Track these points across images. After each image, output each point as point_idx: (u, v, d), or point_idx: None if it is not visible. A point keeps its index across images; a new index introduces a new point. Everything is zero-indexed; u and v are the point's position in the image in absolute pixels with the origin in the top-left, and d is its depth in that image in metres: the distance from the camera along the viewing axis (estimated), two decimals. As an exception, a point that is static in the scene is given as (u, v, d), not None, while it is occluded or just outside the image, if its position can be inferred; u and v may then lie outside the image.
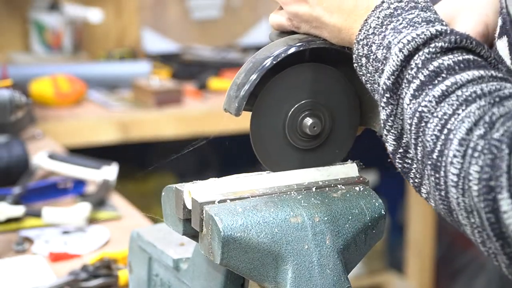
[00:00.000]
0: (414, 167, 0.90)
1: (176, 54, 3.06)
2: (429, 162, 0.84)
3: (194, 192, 0.97)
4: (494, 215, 0.78)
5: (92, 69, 2.83)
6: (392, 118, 0.90)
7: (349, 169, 1.05)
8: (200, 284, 1.05)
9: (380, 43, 0.91)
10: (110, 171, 1.83)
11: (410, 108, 0.86)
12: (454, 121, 0.82)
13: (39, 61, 2.92)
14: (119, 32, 3.13)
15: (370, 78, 0.94)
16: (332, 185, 1.02)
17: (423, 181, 0.89)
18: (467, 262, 3.24)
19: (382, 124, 0.91)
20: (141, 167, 2.99)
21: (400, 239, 3.38)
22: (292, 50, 0.99)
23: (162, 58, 3.04)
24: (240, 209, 0.95)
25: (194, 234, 0.99)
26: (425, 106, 0.85)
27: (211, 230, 0.94)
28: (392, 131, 0.91)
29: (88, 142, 2.47)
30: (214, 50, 3.06)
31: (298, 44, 1.00)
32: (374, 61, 0.92)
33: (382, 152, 0.98)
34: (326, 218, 0.97)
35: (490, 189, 0.77)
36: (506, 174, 0.76)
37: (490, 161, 0.77)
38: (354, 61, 0.96)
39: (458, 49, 0.87)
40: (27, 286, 1.37)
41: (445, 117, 0.83)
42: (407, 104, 0.87)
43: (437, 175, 0.84)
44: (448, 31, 0.88)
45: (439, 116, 0.83)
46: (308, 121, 1.02)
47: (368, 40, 0.93)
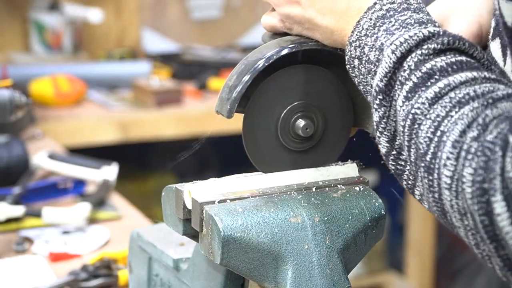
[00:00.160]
0: (407, 169, 0.90)
1: (176, 54, 3.06)
2: (422, 164, 0.84)
3: (194, 192, 0.97)
4: (487, 218, 0.77)
5: (92, 69, 2.83)
6: (385, 120, 0.90)
7: (349, 169, 1.05)
8: (200, 284, 1.05)
9: (373, 44, 0.91)
10: (110, 171, 1.83)
11: (403, 110, 0.86)
12: (447, 123, 0.81)
13: (39, 61, 2.92)
14: (119, 32, 3.13)
15: (363, 80, 0.93)
16: (332, 185, 1.02)
17: (417, 183, 0.89)
18: (467, 262, 3.24)
19: (375, 126, 0.91)
20: (141, 167, 2.99)
21: (400, 239, 3.37)
22: (285, 51, 0.99)
23: (162, 58, 3.04)
24: (240, 209, 0.95)
25: (194, 234, 0.99)
26: (418, 108, 0.84)
27: (211, 230, 0.94)
28: (385, 133, 0.90)
29: (88, 142, 2.47)
30: (214, 50, 3.06)
31: (290, 45, 0.99)
32: (366, 63, 0.92)
33: (382, 152, 0.98)
34: (326, 218, 0.97)
35: (484, 192, 0.77)
36: (499, 177, 0.75)
37: (483, 163, 0.77)
38: (346, 62, 0.95)
39: (451, 50, 0.87)
40: (27, 286, 1.37)
41: (438, 119, 0.82)
42: (400, 106, 0.86)
43: (430, 177, 0.83)
44: (441, 33, 0.88)
45: (432, 118, 0.83)
46: (301, 122, 1.01)
47: (361, 41, 0.92)
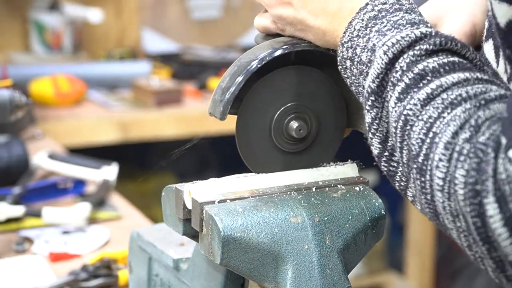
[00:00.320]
0: (399, 171, 0.90)
1: (176, 54, 3.06)
2: (414, 165, 0.84)
3: (194, 192, 0.97)
4: (480, 220, 0.77)
5: (92, 69, 2.83)
6: (377, 121, 0.89)
7: (349, 169, 1.05)
8: (200, 284, 1.05)
9: (365, 45, 0.91)
10: (110, 171, 1.83)
11: (395, 111, 0.86)
12: (439, 124, 0.81)
13: (39, 61, 2.92)
14: (119, 32, 3.13)
15: (355, 81, 0.93)
16: (332, 185, 1.02)
17: (409, 184, 0.88)
18: (467, 262, 3.23)
19: (367, 127, 0.90)
20: (141, 167, 2.99)
21: (400, 239, 3.38)
22: (277, 53, 0.99)
23: (162, 58, 3.04)
24: (240, 209, 0.94)
25: (194, 234, 0.99)
26: (410, 109, 0.84)
27: (211, 230, 0.94)
28: (377, 134, 0.90)
29: (88, 142, 2.47)
30: (214, 50, 3.06)
31: (283, 46, 0.99)
32: (358, 64, 0.91)
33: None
34: (326, 218, 0.97)
35: (476, 193, 0.76)
36: (492, 178, 0.75)
37: (476, 165, 0.76)
38: (338, 63, 0.95)
39: (443, 51, 0.86)
40: (27, 286, 1.37)
41: (430, 121, 0.82)
42: (392, 107, 0.86)
43: (422, 178, 0.83)
44: (433, 33, 0.87)
45: (424, 120, 0.82)
46: (294, 124, 1.01)
47: (353, 42, 0.92)
